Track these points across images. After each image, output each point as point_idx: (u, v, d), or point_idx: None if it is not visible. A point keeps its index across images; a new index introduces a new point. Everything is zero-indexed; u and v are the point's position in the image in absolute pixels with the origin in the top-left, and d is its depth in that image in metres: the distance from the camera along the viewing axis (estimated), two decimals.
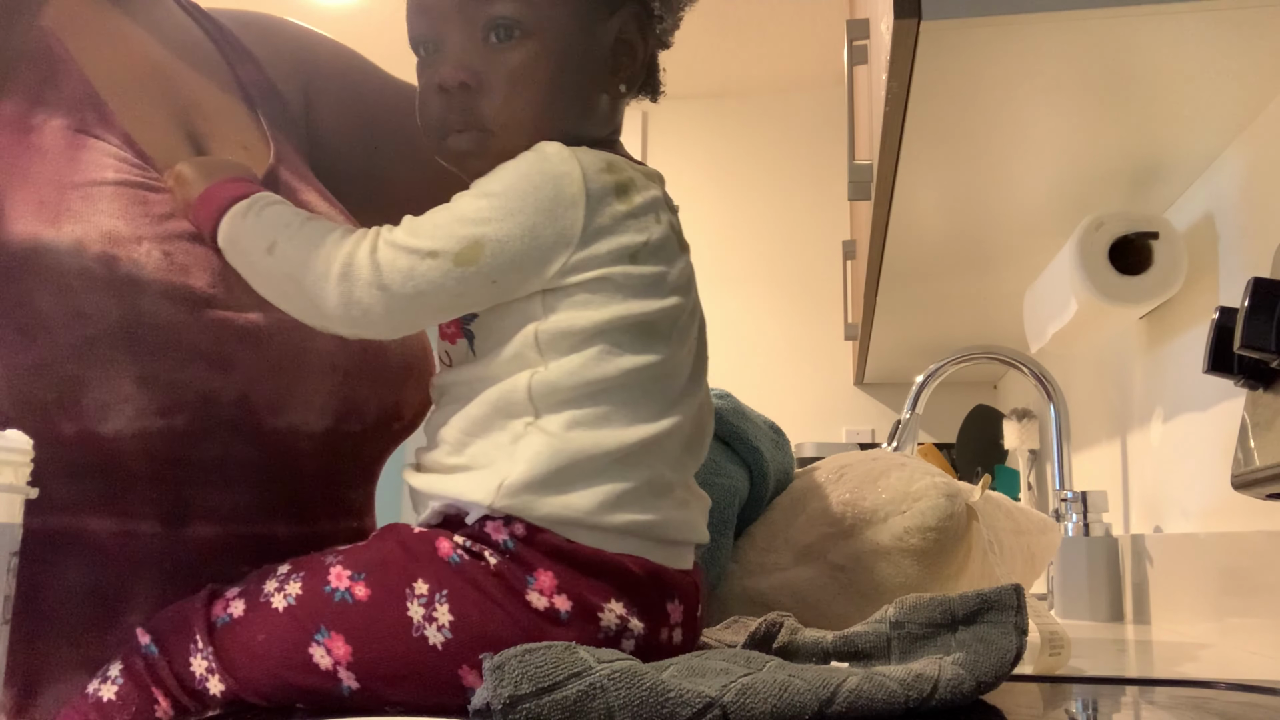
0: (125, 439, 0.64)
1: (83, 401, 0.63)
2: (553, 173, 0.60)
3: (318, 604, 0.57)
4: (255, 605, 0.58)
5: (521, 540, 0.57)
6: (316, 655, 0.56)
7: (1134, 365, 1.39)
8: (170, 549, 0.67)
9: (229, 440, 0.68)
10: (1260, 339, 0.73)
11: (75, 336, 0.63)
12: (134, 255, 0.65)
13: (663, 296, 0.62)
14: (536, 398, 0.59)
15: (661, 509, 0.60)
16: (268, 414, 0.70)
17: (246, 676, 0.58)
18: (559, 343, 0.59)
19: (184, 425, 0.66)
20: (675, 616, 0.60)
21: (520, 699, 0.46)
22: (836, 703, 0.50)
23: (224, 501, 0.70)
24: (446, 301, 0.60)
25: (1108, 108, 0.98)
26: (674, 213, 0.66)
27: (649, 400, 0.60)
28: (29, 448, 0.52)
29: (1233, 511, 1.03)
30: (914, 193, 1.22)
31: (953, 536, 0.81)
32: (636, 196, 0.62)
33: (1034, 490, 2.02)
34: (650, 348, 0.61)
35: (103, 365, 0.63)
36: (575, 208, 0.59)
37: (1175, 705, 0.61)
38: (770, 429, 0.96)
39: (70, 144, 0.68)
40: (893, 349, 2.34)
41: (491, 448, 0.59)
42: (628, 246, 0.60)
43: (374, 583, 0.57)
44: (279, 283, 0.64)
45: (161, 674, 0.59)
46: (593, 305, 0.60)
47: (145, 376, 0.64)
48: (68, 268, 0.63)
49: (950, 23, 0.81)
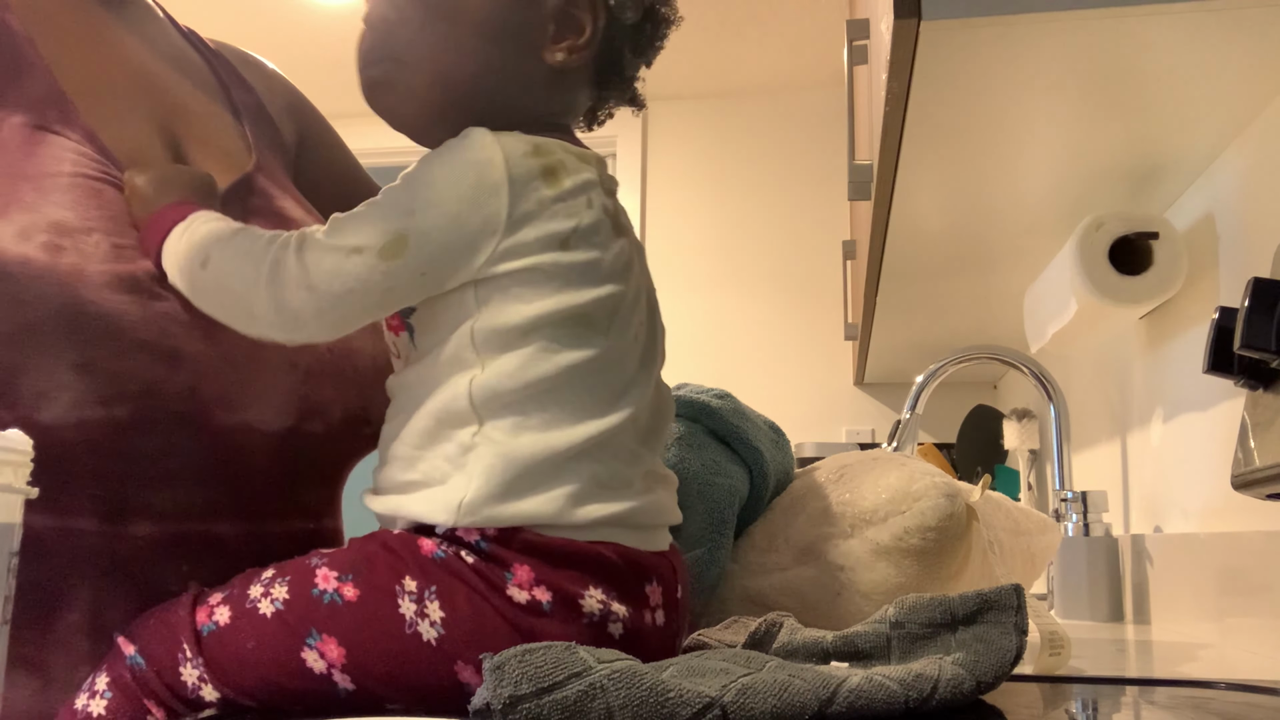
0: (65, 428, 0.64)
1: (20, 388, 0.63)
2: (474, 160, 0.59)
3: (307, 607, 0.57)
4: (242, 611, 0.58)
5: (494, 540, 0.57)
6: (310, 660, 0.56)
7: (1134, 365, 1.39)
8: (109, 546, 0.67)
9: (173, 433, 0.67)
10: (1260, 339, 0.73)
11: (11, 323, 0.63)
12: (81, 245, 0.65)
13: (597, 284, 0.60)
14: (478, 404, 0.58)
15: (626, 498, 0.60)
16: (219, 409, 0.69)
17: (239, 684, 0.57)
18: (494, 340, 0.59)
19: (126, 416, 0.65)
20: (655, 598, 0.60)
21: (520, 699, 0.46)
22: (836, 703, 0.50)
23: (165, 498, 0.68)
24: (377, 298, 0.60)
25: (1108, 108, 0.98)
26: (610, 195, 0.64)
27: (594, 395, 0.59)
28: (29, 448, 0.52)
29: (1233, 511, 1.03)
30: (914, 193, 1.22)
31: (953, 536, 0.81)
32: (566, 180, 0.60)
33: (1034, 490, 2.02)
34: (588, 341, 0.59)
35: (40, 352, 0.63)
36: (498, 194, 0.58)
37: (1175, 705, 0.61)
38: (770, 429, 0.96)
39: (28, 139, 0.68)
40: (893, 349, 2.34)
41: (442, 461, 0.59)
42: (557, 233, 0.59)
43: (362, 583, 0.57)
44: (215, 295, 0.64)
45: (152, 685, 0.58)
46: (524, 298, 0.59)
47: (84, 364, 0.63)
48: (9, 256, 0.63)
49: (950, 23, 0.81)
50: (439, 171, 0.59)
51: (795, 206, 3.36)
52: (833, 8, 2.89)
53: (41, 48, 0.73)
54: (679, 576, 0.64)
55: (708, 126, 3.44)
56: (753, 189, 3.37)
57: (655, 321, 0.67)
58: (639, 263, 0.65)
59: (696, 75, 3.30)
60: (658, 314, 0.68)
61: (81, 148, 0.70)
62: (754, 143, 3.42)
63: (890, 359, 2.51)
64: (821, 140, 3.33)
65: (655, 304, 0.68)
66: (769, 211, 3.35)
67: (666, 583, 0.62)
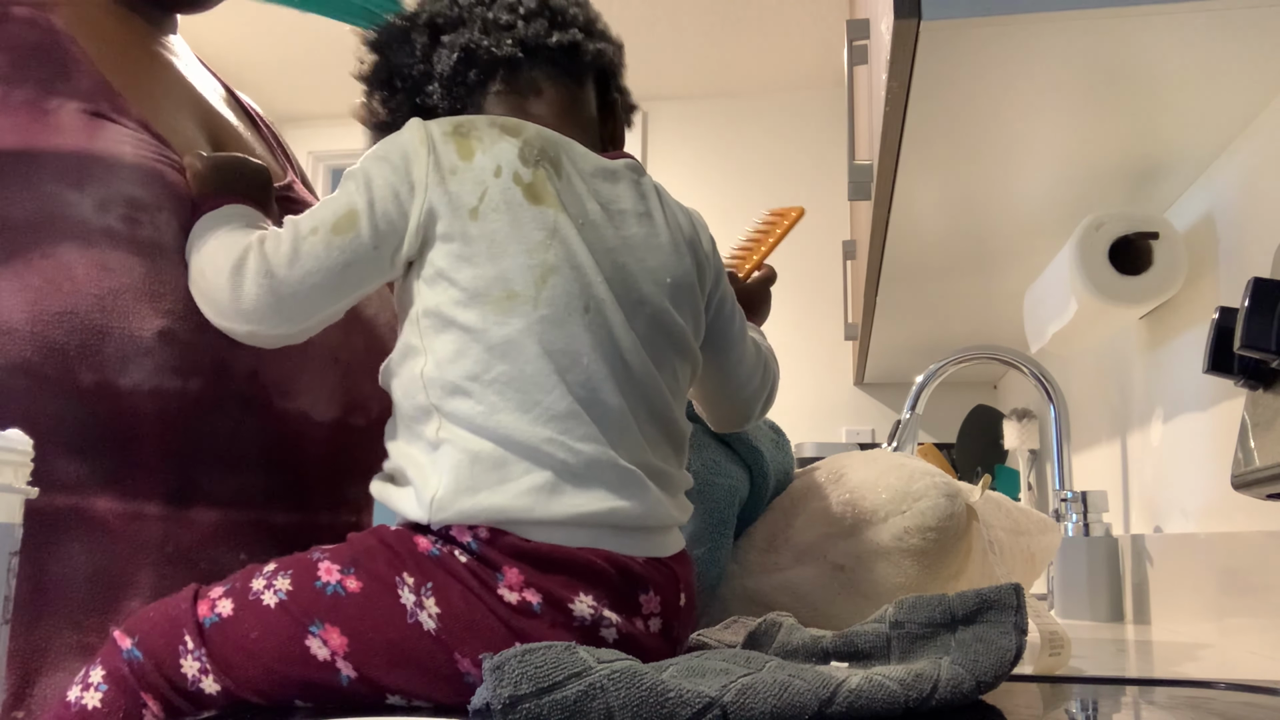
0: (141, 395, 0.66)
1: (104, 351, 0.65)
2: (404, 139, 0.64)
3: (310, 598, 0.57)
4: (245, 603, 0.58)
5: (485, 542, 0.57)
6: (313, 647, 0.56)
7: (1134, 365, 1.39)
8: (172, 532, 0.68)
9: (240, 416, 0.70)
10: (1260, 339, 0.73)
11: (100, 288, 0.65)
12: (156, 221, 0.68)
13: (509, 254, 0.61)
14: (431, 395, 0.60)
15: (606, 493, 0.59)
16: (277, 395, 0.72)
17: (242, 675, 0.57)
18: (432, 325, 0.61)
19: (198, 390, 0.68)
20: (650, 607, 0.60)
21: (520, 699, 0.46)
22: (836, 703, 0.50)
23: (228, 484, 0.70)
24: (335, 278, 0.63)
25: (1108, 108, 0.98)
26: (534, 164, 0.64)
27: (540, 376, 0.59)
28: (29, 448, 0.52)
29: (1233, 511, 1.03)
30: (914, 193, 1.22)
31: (953, 536, 0.81)
32: (478, 151, 0.63)
33: (1034, 490, 2.02)
34: (514, 313, 0.60)
35: (125, 317, 0.65)
36: (420, 162, 0.62)
37: (1175, 705, 0.61)
38: (770, 429, 0.96)
39: (87, 124, 0.70)
40: (893, 349, 2.34)
41: (418, 454, 0.60)
42: (466, 202, 0.62)
43: (364, 575, 0.58)
44: (196, 282, 0.67)
45: (150, 678, 0.58)
46: (446, 274, 0.61)
47: (165, 332, 0.66)
48: (93, 225, 0.66)
49: (950, 23, 0.81)
50: (375, 153, 0.64)
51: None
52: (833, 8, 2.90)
53: (86, 46, 0.75)
54: (682, 584, 0.63)
55: (708, 126, 3.44)
56: (753, 189, 3.37)
57: (649, 306, 0.65)
58: (582, 235, 0.63)
59: (696, 75, 3.30)
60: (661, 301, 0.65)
61: (139, 134, 0.72)
62: (754, 143, 3.42)
63: (890, 359, 2.51)
64: (821, 140, 3.33)
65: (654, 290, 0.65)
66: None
67: (665, 591, 0.61)
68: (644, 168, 0.72)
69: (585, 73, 0.73)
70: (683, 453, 0.67)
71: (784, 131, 3.41)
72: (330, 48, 2.95)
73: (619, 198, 0.67)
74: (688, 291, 0.68)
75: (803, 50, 3.16)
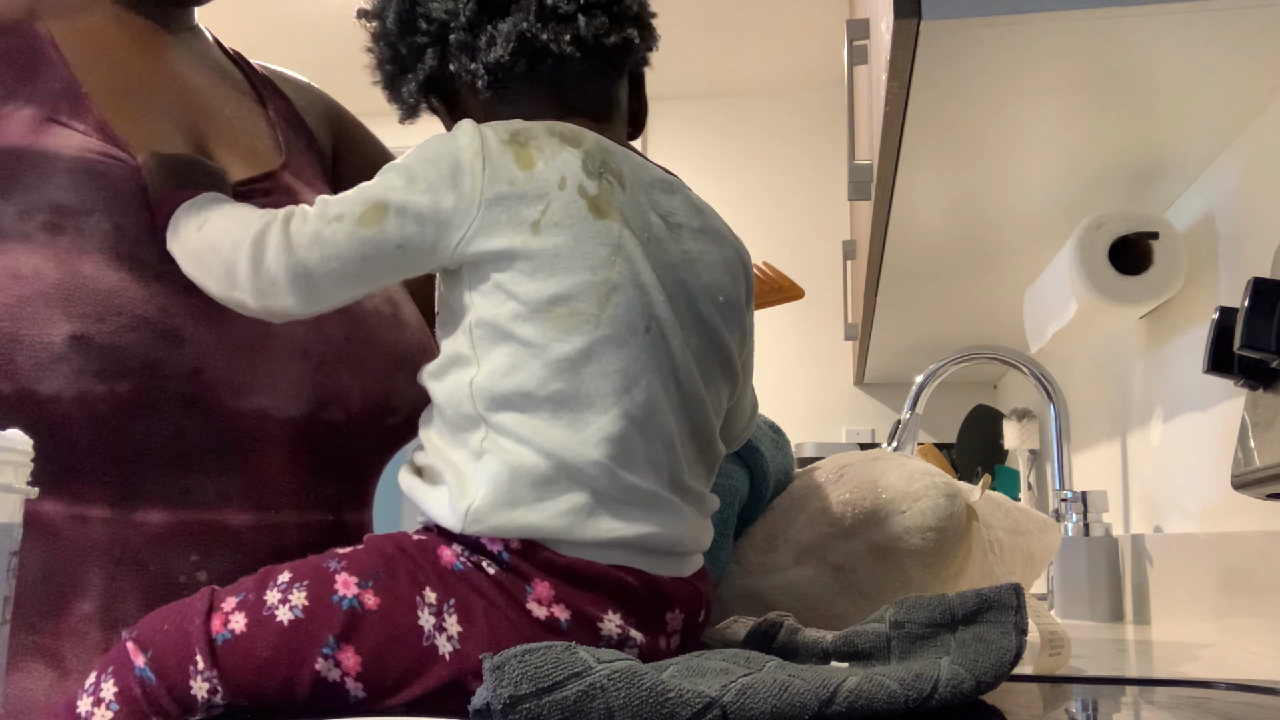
0: (65, 401, 0.65)
1: (17, 359, 0.64)
2: (456, 144, 0.61)
3: (326, 614, 0.56)
4: (258, 619, 0.57)
5: (516, 553, 0.56)
6: (324, 669, 0.55)
7: (1134, 365, 1.39)
8: (119, 534, 0.67)
9: (181, 416, 0.68)
10: (1260, 339, 0.73)
11: (10, 295, 0.65)
12: (81, 225, 0.67)
13: (574, 270, 0.59)
14: (480, 406, 0.58)
15: (643, 518, 0.58)
16: (227, 394, 0.70)
17: (252, 692, 0.56)
18: (487, 336, 0.59)
19: (128, 392, 0.66)
20: (673, 625, 0.60)
21: (520, 699, 0.46)
22: (836, 703, 0.50)
23: (175, 485, 0.69)
24: (354, 267, 0.61)
25: (1108, 108, 0.98)
26: (598, 176, 0.62)
27: (594, 395, 0.57)
28: (29, 448, 0.52)
29: (1233, 511, 1.03)
30: (914, 193, 1.22)
31: (953, 536, 0.81)
32: (539, 161, 0.60)
33: (1034, 490, 2.02)
34: (576, 331, 0.58)
35: (35, 324, 0.65)
36: (474, 174, 0.59)
37: (1175, 705, 0.61)
38: (770, 429, 0.96)
39: (35, 129, 0.70)
40: (893, 349, 2.34)
41: (460, 461, 0.59)
42: (527, 215, 0.59)
43: (383, 590, 0.56)
44: (202, 254, 0.65)
45: (161, 701, 0.56)
46: (505, 287, 0.59)
47: (80, 337, 0.65)
48: (10, 232, 0.66)
49: (950, 23, 0.81)
50: (424, 154, 0.61)
51: (795, 206, 3.36)
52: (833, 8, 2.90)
53: (65, 48, 0.75)
54: (704, 602, 0.63)
55: (708, 126, 3.45)
56: (752, 189, 3.37)
57: (704, 325, 0.63)
58: (646, 250, 0.61)
59: (696, 75, 3.30)
60: (715, 320, 0.64)
61: (88, 136, 0.71)
62: (754, 143, 3.43)
63: (890, 359, 2.51)
64: (821, 140, 3.33)
65: (709, 308, 0.63)
66: (769, 211, 3.35)
67: (689, 609, 0.61)
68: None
69: (628, 68, 0.71)
70: (714, 474, 0.66)
71: (784, 131, 3.41)
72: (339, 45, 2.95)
73: (676, 210, 0.65)
74: (737, 312, 0.67)
75: (803, 50, 3.16)
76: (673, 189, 0.66)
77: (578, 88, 0.68)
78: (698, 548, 0.63)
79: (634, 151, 0.67)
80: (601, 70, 0.68)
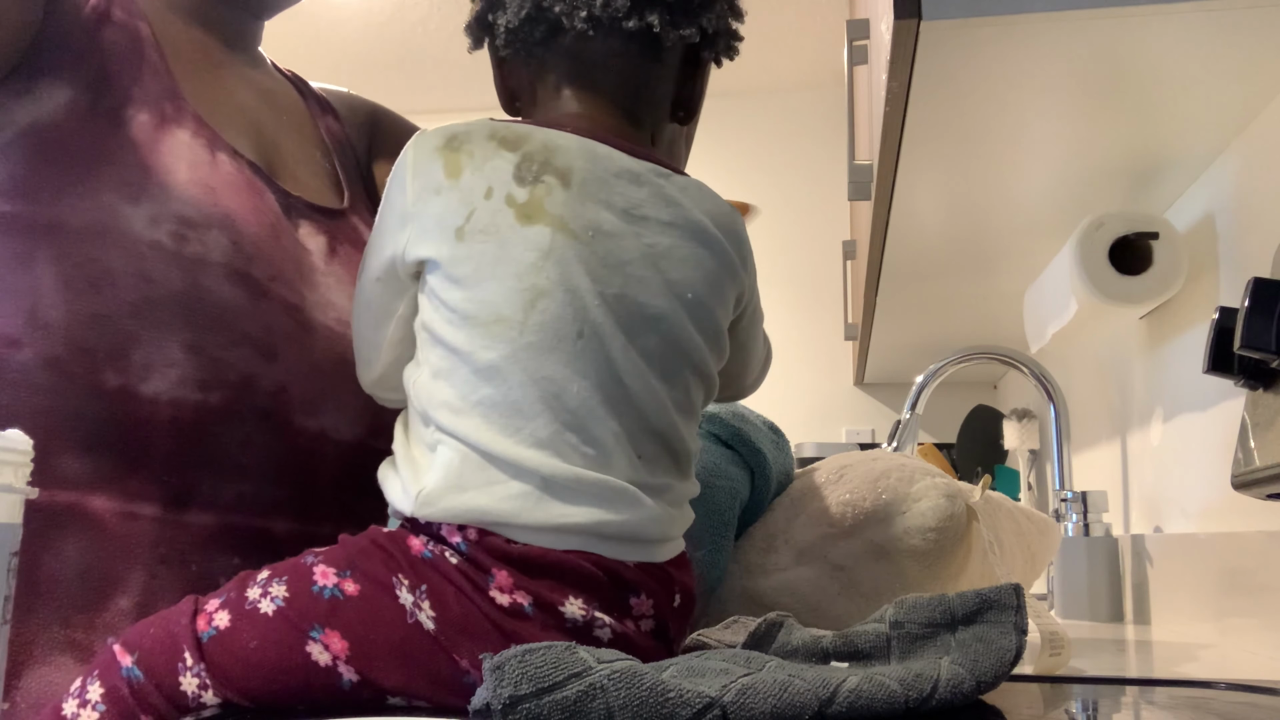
0: (161, 404, 0.68)
1: (132, 355, 0.67)
2: (402, 157, 0.64)
3: (308, 603, 0.57)
4: (241, 613, 0.57)
5: (473, 544, 0.57)
6: (315, 653, 0.56)
7: (1134, 365, 1.39)
8: (165, 534, 0.68)
9: (254, 428, 0.72)
10: (1260, 339, 0.73)
11: (136, 295, 0.67)
12: (204, 238, 0.71)
13: (497, 278, 0.58)
14: (426, 405, 0.60)
15: (595, 505, 0.57)
16: (301, 411, 0.74)
17: (243, 686, 0.56)
18: (428, 339, 0.61)
19: (218, 402, 0.70)
20: (642, 609, 0.59)
21: (520, 699, 0.46)
22: (836, 703, 0.50)
23: (229, 490, 0.71)
24: (366, 316, 0.67)
25: (1108, 108, 0.98)
26: (532, 183, 0.60)
27: (525, 404, 0.57)
28: (29, 448, 0.52)
29: (1233, 511, 1.03)
30: (914, 193, 1.22)
31: (953, 537, 0.81)
32: (466, 169, 0.61)
33: (1034, 490, 2.02)
34: (501, 338, 0.58)
35: (157, 326, 0.68)
36: (403, 187, 0.62)
37: (1175, 705, 0.61)
38: (769, 430, 0.96)
39: (152, 138, 0.73)
40: (893, 349, 2.34)
41: (417, 452, 0.61)
42: (451, 223, 0.60)
43: (361, 577, 0.57)
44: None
45: (150, 699, 0.56)
46: (438, 293, 0.60)
47: (194, 345, 0.68)
48: (141, 237, 0.69)
49: (950, 23, 0.81)
50: (391, 172, 0.65)
51: (795, 206, 3.36)
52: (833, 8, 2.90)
53: (169, 58, 0.77)
54: (677, 586, 0.62)
55: (708, 126, 3.44)
56: (752, 189, 3.37)
57: (663, 323, 0.61)
58: (588, 251, 0.59)
59: None
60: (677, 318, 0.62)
61: (195, 141, 0.75)
62: (754, 142, 3.43)
63: (890, 359, 2.51)
64: (821, 140, 3.33)
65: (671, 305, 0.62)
66: (769, 211, 3.35)
67: (659, 595, 0.60)
68: (676, 168, 0.67)
69: (668, 50, 0.69)
70: (689, 465, 0.65)
71: (784, 131, 3.41)
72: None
73: (642, 203, 0.63)
74: (710, 308, 0.64)
75: (803, 50, 3.16)
76: (640, 180, 0.63)
77: (602, 66, 0.68)
78: (667, 536, 0.62)
79: (620, 142, 0.65)
80: (630, 52, 0.68)
